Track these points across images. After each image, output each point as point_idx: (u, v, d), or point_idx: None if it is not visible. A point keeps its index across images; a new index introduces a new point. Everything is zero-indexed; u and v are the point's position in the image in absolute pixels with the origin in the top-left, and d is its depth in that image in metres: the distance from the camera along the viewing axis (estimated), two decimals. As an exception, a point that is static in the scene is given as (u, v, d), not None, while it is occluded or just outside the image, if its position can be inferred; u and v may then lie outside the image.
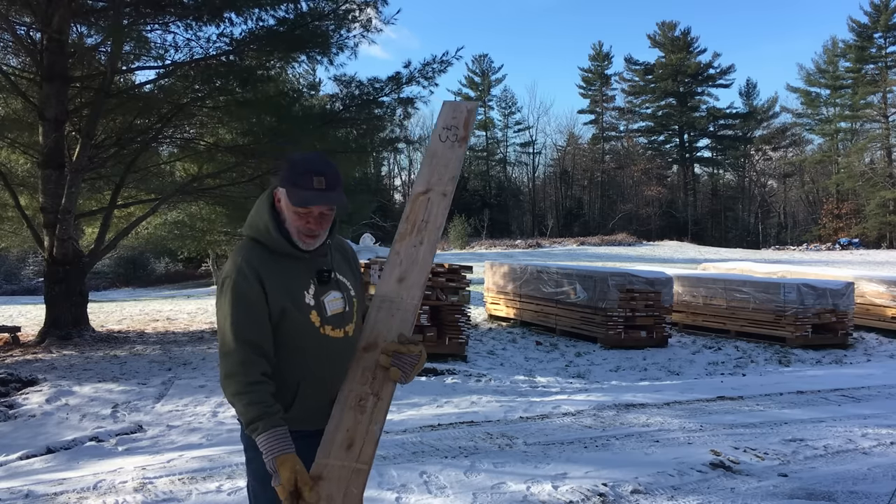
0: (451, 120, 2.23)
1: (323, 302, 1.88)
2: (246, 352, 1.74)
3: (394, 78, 10.85)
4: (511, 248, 37.65)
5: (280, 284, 1.82)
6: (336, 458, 1.66)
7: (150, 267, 34.06)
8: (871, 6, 51.44)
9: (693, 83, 58.51)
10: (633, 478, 4.04)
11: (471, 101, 2.34)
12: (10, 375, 6.75)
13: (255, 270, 1.80)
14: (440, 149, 2.17)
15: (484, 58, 60.91)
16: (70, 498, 3.71)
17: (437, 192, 2.09)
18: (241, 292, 1.78)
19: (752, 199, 58.32)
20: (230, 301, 1.78)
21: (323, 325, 1.87)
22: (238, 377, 1.72)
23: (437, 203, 2.07)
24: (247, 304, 1.77)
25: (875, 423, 5.55)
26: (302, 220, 1.83)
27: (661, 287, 9.87)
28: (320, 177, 1.80)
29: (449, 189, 2.09)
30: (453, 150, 2.17)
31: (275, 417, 1.70)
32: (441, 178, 2.11)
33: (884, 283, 11.63)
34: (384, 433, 5.05)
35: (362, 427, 1.70)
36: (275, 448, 1.66)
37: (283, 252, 1.86)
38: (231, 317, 1.77)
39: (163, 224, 14.34)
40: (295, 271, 1.87)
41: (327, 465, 1.66)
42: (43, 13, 8.96)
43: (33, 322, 11.89)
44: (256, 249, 1.86)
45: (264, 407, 1.70)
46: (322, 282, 1.90)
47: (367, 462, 1.65)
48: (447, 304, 8.57)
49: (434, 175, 2.12)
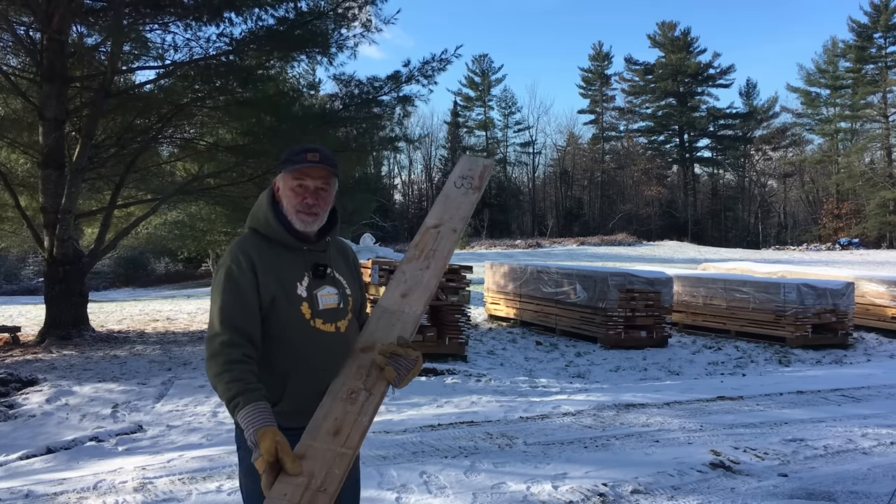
0: (468, 171, 2.33)
1: (316, 295, 1.89)
2: (230, 335, 1.74)
3: (393, 77, 10.85)
4: (511, 248, 37.65)
5: (273, 274, 1.84)
6: (321, 442, 1.65)
7: (150, 267, 34.03)
8: (871, 6, 51.50)
9: (693, 83, 58.51)
10: (633, 478, 4.04)
11: (488, 159, 2.48)
12: (10, 375, 6.75)
13: (249, 259, 1.83)
14: (454, 193, 2.27)
15: (484, 58, 60.95)
16: (70, 498, 3.71)
17: (447, 227, 2.16)
18: (232, 279, 1.81)
19: (752, 199, 58.32)
20: (221, 287, 1.81)
21: (314, 317, 1.87)
22: (219, 357, 1.72)
23: (447, 237, 2.13)
24: (237, 291, 1.79)
25: (875, 423, 5.55)
26: (299, 196, 1.88)
27: (661, 287, 9.87)
28: (314, 153, 1.87)
29: (459, 227, 2.16)
30: (466, 196, 2.25)
31: (256, 393, 1.67)
32: (452, 217, 2.19)
33: (884, 283, 11.63)
34: (384, 433, 5.07)
35: (350, 417, 1.69)
36: (256, 421, 1.62)
37: (281, 242, 1.89)
38: (220, 301, 1.79)
39: (163, 224, 14.34)
40: (290, 262, 1.89)
41: (311, 446, 1.64)
42: (43, 13, 8.96)
43: (33, 322, 11.88)
44: (254, 239, 1.90)
45: (244, 384, 1.68)
46: (317, 275, 1.91)
47: (352, 447, 1.64)
48: (447, 304, 8.56)
49: (446, 214, 2.20)
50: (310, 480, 1.56)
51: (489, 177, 2.37)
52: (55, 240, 9.52)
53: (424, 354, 8.70)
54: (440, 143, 59.59)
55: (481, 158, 2.41)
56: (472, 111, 62.06)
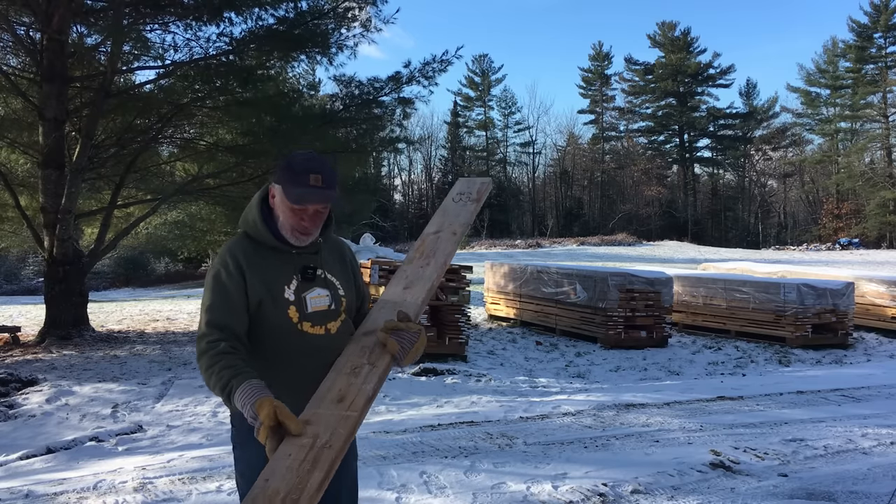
0: (466, 189, 2.40)
1: (304, 298, 1.87)
2: (217, 334, 1.75)
3: (394, 77, 10.85)
4: (511, 248, 37.64)
5: (260, 277, 1.84)
6: (326, 409, 1.64)
7: (150, 267, 34.00)
8: (871, 6, 51.47)
9: (693, 83, 58.48)
10: (633, 478, 4.04)
11: (485, 178, 2.50)
12: (10, 375, 6.75)
13: (237, 261, 1.83)
14: (452, 206, 2.33)
15: (484, 58, 60.90)
16: (70, 498, 3.71)
17: (447, 232, 2.20)
18: (220, 281, 1.82)
19: (752, 199, 58.31)
20: (210, 288, 1.82)
21: (301, 321, 1.86)
22: (209, 352, 1.72)
23: (447, 240, 2.16)
24: (224, 292, 1.80)
25: (875, 423, 5.55)
26: (296, 216, 1.85)
27: (661, 287, 9.87)
28: (317, 174, 1.82)
29: (459, 231, 2.19)
30: (465, 207, 2.31)
31: (248, 374, 1.66)
32: (452, 224, 2.23)
33: (884, 283, 11.63)
34: (384, 433, 5.06)
35: (354, 388, 1.69)
36: (252, 395, 1.59)
37: (269, 245, 1.88)
38: (208, 302, 1.81)
39: (163, 224, 14.32)
40: (278, 266, 1.88)
41: (316, 412, 1.63)
42: (43, 13, 8.96)
43: (33, 322, 11.88)
44: (244, 242, 1.90)
45: (235, 370, 1.67)
46: (306, 278, 1.90)
47: (357, 410, 1.62)
48: (447, 304, 8.57)
49: (445, 222, 2.25)
50: (314, 440, 1.54)
51: (487, 193, 2.41)
52: (55, 240, 9.52)
53: (424, 354, 8.68)
54: (440, 144, 59.64)
55: (478, 178, 2.45)
56: (472, 111, 62.08)
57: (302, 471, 1.46)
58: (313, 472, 1.45)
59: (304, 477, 1.44)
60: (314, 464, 1.47)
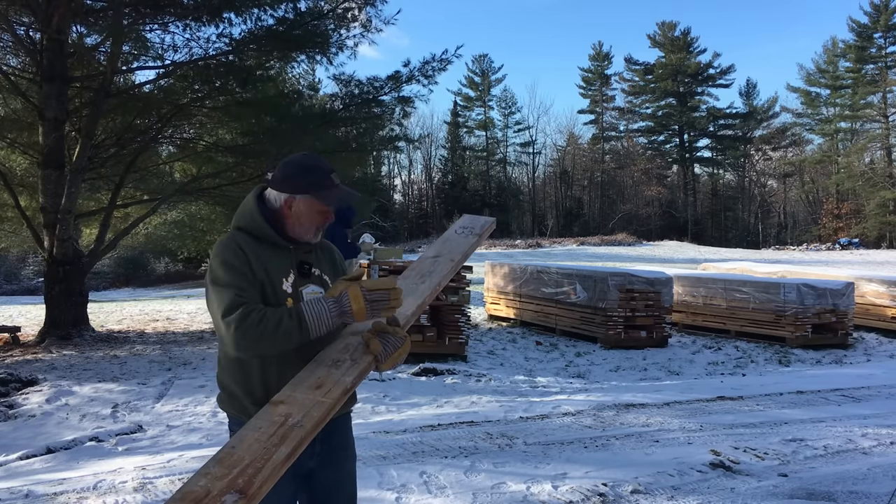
0: (469, 224, 2.48)
1: (301, 293, 1.90)
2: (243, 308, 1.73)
3: (393, 77, 10.86)
4: (511, 248, 37.62)
5: (261, 265, 1.85)
6: (302, 393, 1.69)
7: (150, 267, 33.99)
8: (871, 6, 51.49)
9: (693, 83, 58.49)
10: (633, 478, 4.04)
11: (490, 218, 2.60)
12: (10, 375, 6.75)
13: (240, 248, 1.84)
14: (454, 237, 2.41)
15: (484, 57, 60.91)
16: (70, 498, 3.71)
17: (445, 258, 2.26)
18: (229, 263, 1.80)
19: (752, 199, 58.31)
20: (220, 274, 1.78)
21: None
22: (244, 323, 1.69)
23: (444, 265, 2.22)
24: (236, 270, 1.79)
25: (875, 423, 5.55)
26: (323, 217, 1.92)
27: (661, 287, 9.87)
28: (332, 172, 1.92)
29: (457, 259, 2.26)
30: (466, 239, 2.38)
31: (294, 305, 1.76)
32: (451, 252, 2.30)
33: (884, 283, 11.63)
34: (384, 433, 5.06)
35: (333, 378, 1.72)
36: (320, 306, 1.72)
37: (269, 240, 1.89)
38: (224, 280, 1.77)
39: (163, 224, 14.33)
40: (277, 259, 1.89)
41: (291, 395, 1.68)
42: (43, 13, 8.96)
43: (33, 322, 11.88)
44: (241, 235, 1.90)
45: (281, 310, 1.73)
46: (302, 274, 1.93)
47: (332, 399, 1.66)
48: (447, 304, 8.56)
49: (445, 249, 2.32)
50: (286, 419, 1.60)
51: (490, 231, 2.49)
52: (55, 240, 9.52)
53: (424, 354, 8.65)
54: (440, 143, 59.65)
55: (482, 217, 2.54)
56: (472, 111, 62.07)
57: (270, 444, 1.53)
58: (280, 447, 1.52)
59: (270, 450, 1.51)
60: (282, 439, 1.54)
